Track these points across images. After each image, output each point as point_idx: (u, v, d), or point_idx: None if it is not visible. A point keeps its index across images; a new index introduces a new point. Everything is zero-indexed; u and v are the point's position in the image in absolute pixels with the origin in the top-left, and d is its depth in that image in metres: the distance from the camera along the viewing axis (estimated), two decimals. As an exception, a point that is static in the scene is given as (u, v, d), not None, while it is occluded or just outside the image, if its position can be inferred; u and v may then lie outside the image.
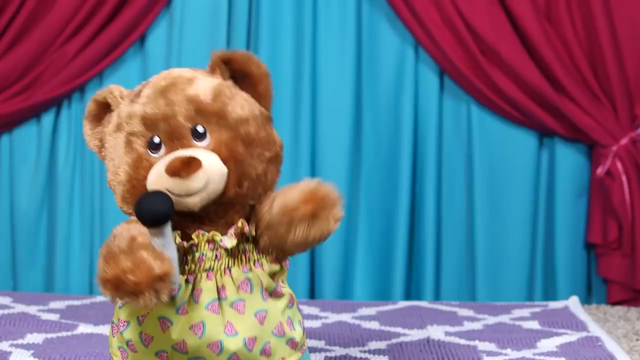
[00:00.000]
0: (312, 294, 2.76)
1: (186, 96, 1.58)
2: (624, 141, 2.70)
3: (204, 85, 1.59)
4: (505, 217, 2.75)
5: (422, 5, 2.67)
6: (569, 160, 2.75)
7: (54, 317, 2.37)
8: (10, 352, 2.02)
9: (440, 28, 2.68)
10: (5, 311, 2.41)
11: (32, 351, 2.04)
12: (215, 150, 1.56)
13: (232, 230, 1.58)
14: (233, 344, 1.57)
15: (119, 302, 1.61)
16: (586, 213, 2.77)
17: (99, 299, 2.59)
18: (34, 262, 2.77)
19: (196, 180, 1.51)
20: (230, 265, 1.59)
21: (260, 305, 1.60)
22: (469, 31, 2.67)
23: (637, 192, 2.70)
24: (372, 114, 2.75)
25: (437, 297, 2.77)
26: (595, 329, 2.30)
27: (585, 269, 2.79)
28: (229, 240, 1.58)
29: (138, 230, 1.51)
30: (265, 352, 1.60)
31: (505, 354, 2.08)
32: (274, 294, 1.63)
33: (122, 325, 1.60)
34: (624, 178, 2.69)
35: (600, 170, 2.70)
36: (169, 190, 1.52)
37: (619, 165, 2.69)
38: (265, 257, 1.62)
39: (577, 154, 2.76)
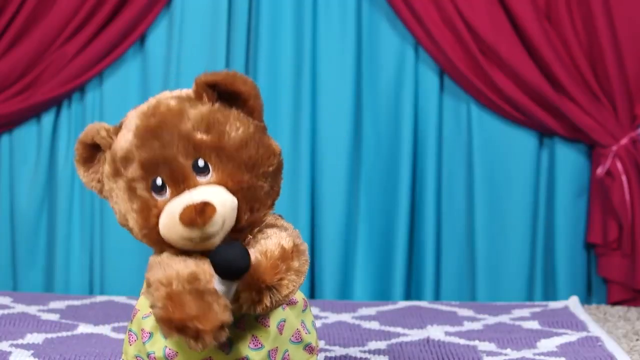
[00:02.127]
0: (312, 294, 2.76)
1: (180, 133, 1.54)
2: (624, 141, 2.70)
3: (195, 116, 1.55)
4: (505, 217, 2.75)
5: (422, 5, 2.67)
6: (569, 160, 2.75)
7: (54, 317, 2.37)
8: (10, 352, 2.02)
9: (440, 28, 2.68)
10: (5, 311, 2.41)
11: (32, 351, 2.04)
12: (222, 183, 1.53)
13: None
14: (258, 357, 1.57)
15: (143, 313, 1.59)
16: (586, 213, 2.77)
17: (99, 299, 2.59)
18: (34, 262, 2.77)
19: (214, 226, 1.49)
20: None
21: (281, 315, 1.60)
22: (469, 31, 2.67)
23: (637, 192, 2.70)
24: (372, 114, 2.75)
25: (437, 297, 2.77)
26: (595, 329, 2.29)
27: (585, 269, 2.79)
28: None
29: (195, 264, 1.50)
30: None
31: (505, 354, 2.08)
32: (290, 302, 1.63)
33: (145, 335, 1.59)
34: (624, 178, 2.69)
35: (600, 170, 2.70)
36: (185, 238, 1.50)
37: (619, 165, 2.69)
38: None
39: (577, 154, 2.76)
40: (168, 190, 1.54)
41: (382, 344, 2.16)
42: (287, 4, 2.71)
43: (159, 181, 1.54)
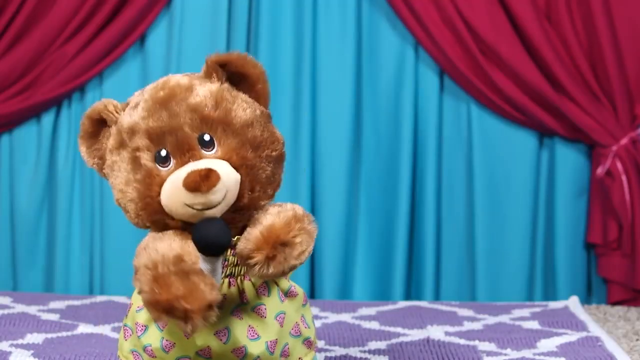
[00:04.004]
0: (312, 294, 2.76)
1: (188, 106, 1.56)
2: (624, 141, 2.70)
3: (204, 92, 1.58)
4: (505, 217, 2.75)
5: (422, 5, 2.67)
6: (569, 160, 2.75)
7: (54, 317, 2.37)
8: (10, 352, 2.02)
9: (440, 28, 2.68)
10: (5, 311, 2.41)
11: (32, 351, 2.04)
12: (226, 158, 1.54)
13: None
14: (256, 348, 1.57)
15: (136, 306, 1.60)
16: (586, 213, 2.77)
17: (99, 299, 2.59)
18: (34, 262, 2.77)
19: (216, 193, 1.50)
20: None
21: (279, 307, 1.61)
22: (469, 31, 2.67)
23: (637, 192, 2.70)
24: (372, 114, 2.75)
25: (437, 297, 2.77)
26: (595, 329, 2.29)
27: (585, 269, 2.79)
28: None
29: (180, 246, 1.51)
30: (284, 353, 1.61)
31: (505, 354, 2.08)
32: (289, 294, 1.63)
33: (139, 329, 1.59)
34: (624, 178, 2.69)
35: (600, 170, 2.70)
36: (188, 205, 1.50)
37: (619, 165, 2.69)
38: None
39: (577, 154, 2.76)
40: (172, 162, 1.55)
41: (382, 344, 2.16)
42: (287, 4, 2.71)
43: (163, 152, 1.55)
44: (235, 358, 1.57)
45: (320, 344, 2.15)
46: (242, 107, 1.58)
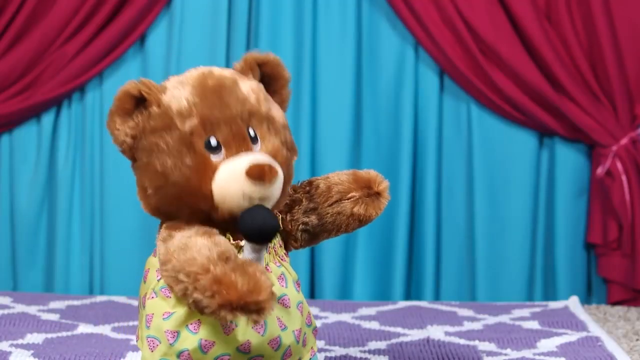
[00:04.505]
0: (312, 294, 2.76)
1: (238, 98, 1.55)
2: (624, 141, 2.70)
3: (247, 87, 1.58)
4: (505, 217, 2.75)
5: (422, 5, 2.67)
6: (569, 160, 2.75)
7: (54, 317, 2.37)
8: (10, 352, 2.02)
9: (440, 28, 2.68)
10: (5, 311, 2.41)
11: (32, 351, 2.04)
12: (272, 155, 1.55)
13: None
14: (287, 338, 1.57)
15: (161, 314, 1.55)
16: (586, 213, 2.77)
17: (99, 299, 2.59)
18: (34, 262, 2.77)
19: (275, 188, 1.51)
20: (268, 261, 1.59)
21: (297, 297, 1.61)
22: (469, 31, 2.67)
23: (637, 192, 2.70)
24: (372, 114, 2.75)
25: (437, 297, 2.77)
26: (595, 329, 2.30)
27: (585, 269, 2.79)
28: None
29: (214, 243, 1.48)
30: (304, 342, 1.62)
31: (505, 354, 2.08)
32: (298, 284, 1.64)
33: (170, 336, 1.55)
34: (624, 178, 2.69)
35: (600, 170, 2.70)
36: (245, 195, 1.49)
37: (619, 165, 2.69)
38: (284, 251, 1.64)
39: (577, 154, 2.76)
40: (223, 151, 1.53)
41: (382, 344, 2.16)
42: (287, 4, 2.71)
43: (213, 141, 1.53)
44: (271, 350, 1.56)
45: (320, 344, 2.15)
46: (276, 108, 1.60)
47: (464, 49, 2.69)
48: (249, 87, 1.58)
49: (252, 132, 1.55)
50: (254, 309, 1.42)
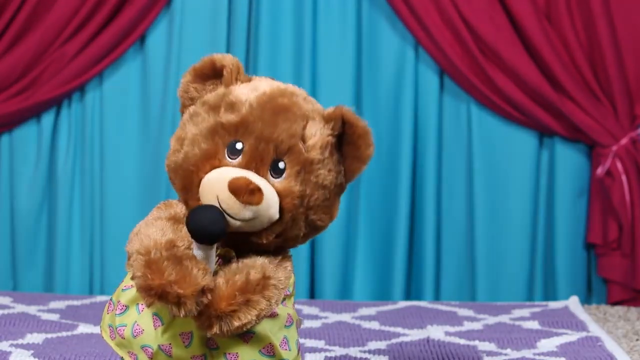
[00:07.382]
0: (312, 294, 2.76)
1: (292, 130, 1.52)
2: (624, 141, 2.70)
3: (313, 130, 1.54)
4: (505, 217, 2.75)
5: (422, 5, 2.67)
6: (569, 160, 2.75)
7: (54, 317, 2.37)
8: (10, 352, 2.02)
9: (440, 28, 2.68)
10: (5, 311, 2.41)
11: (32, 351, 2.04)
12: (282, 195, 1.51)
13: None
14: (216, 358, 1.55)
15: (123, 285, 1.60)
16: (586, 213, 2.77)
17: (99, 299, 2.59)
18: (34, 262, 2.77)
19: (248, 211, 1.47)
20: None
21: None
22: (469, 31, 2.67)
23: (637, 192, 2.70)
24: (372, 113, 2.75)
25: (437, 297, 2.77)
26: (595, 329, 2.29)
27: (585, 269, 2.79)
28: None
29: (172, 231, 1.50)
30: None
31: (505, 354, 2.08)
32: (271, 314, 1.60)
33: (120, 307, 1.59)
34: (624, 178, 2.69)
35: (600, 170, 2.70)
36: (219, 200, 1.48)
37: (619, 165, 2.69)
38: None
39: (577, 154, 2.76)
40: (239, 159, 1.51)
41: (382, 344, 2.16)
42: (287, 4, 2.71)
43: (239, 146, 1.52)
44: None
45: (320, 344, 2.15)
46: (328, 168, 1.55)
47: (464, 49, 2.69)
48: (317, 132, 1.54)
49: (281, 165, 1.52)
50: (173, 300, 1.43)
